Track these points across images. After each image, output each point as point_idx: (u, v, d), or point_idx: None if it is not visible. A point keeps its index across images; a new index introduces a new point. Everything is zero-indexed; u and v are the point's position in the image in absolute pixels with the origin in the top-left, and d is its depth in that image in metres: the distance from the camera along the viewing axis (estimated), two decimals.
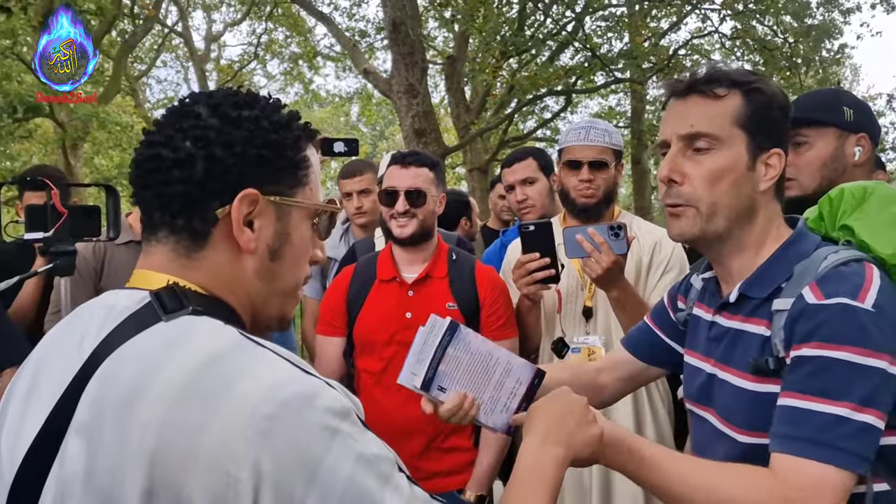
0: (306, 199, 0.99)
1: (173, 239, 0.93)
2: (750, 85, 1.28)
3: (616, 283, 2.07)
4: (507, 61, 13.03)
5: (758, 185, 1.28)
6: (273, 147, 0.94)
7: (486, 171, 13.22)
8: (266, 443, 0.77)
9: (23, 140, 13.76)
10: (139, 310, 0.88)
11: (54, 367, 0.89)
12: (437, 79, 16.32)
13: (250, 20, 19.14)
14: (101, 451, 0.80)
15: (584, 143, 2.36)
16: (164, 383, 0.79)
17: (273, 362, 0.84)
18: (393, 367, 2.28)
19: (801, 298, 1.17)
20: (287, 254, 0.98)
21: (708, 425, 1.35)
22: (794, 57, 12.79)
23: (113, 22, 13.27)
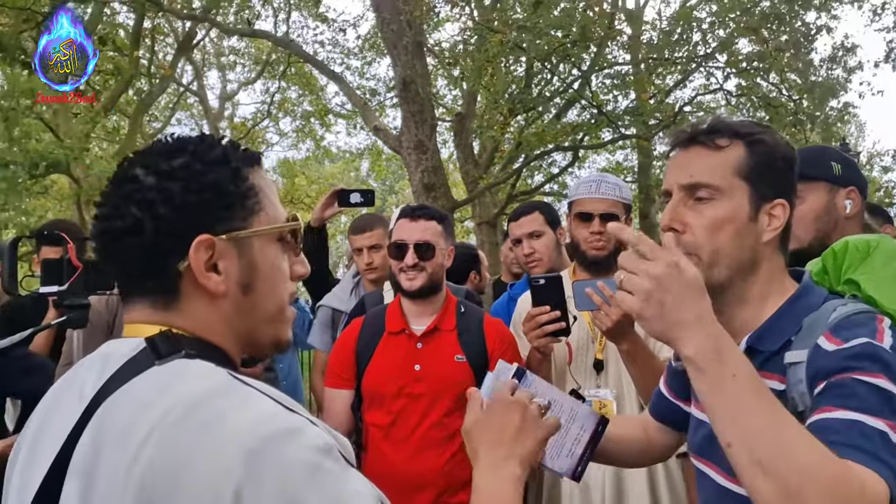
0: (263, 224, 0.98)
1: (148, 299, 0.95)
2: (753, 136, 1.28)
3: (626, 336, 2.07)
4: (515, 118, 13.22)
5: (761, 237, 1.27)
6: (213, 187, 0.94)
7: (495, 225, 13.28)
8: (248, 477, 0.77)
9: (39, 196, 13.97)
10: (135, 356, 0.90)
11: (57, 417, 0.91)
12: (445, 135, 16.55)
13: (264, 79, 19.58)
14: (96, 493, 0.82)
15: (595, 196, 2.39)
16: (153, 422, 0.81)
17: (259, 400, 0.85)
18: (401, 420, 2.27)
19: (818, 348, 1.15)
20: (259, 285, 0.98)
21: (710, 481, 1.32)
22: (799, 114, 12.92)
23: (130, 81, 13.60)
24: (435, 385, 2.27)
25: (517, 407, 1.11)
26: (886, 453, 1.01)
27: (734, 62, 12.41)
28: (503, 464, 1.07)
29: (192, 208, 0.92)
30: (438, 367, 2.30)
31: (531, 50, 10.98)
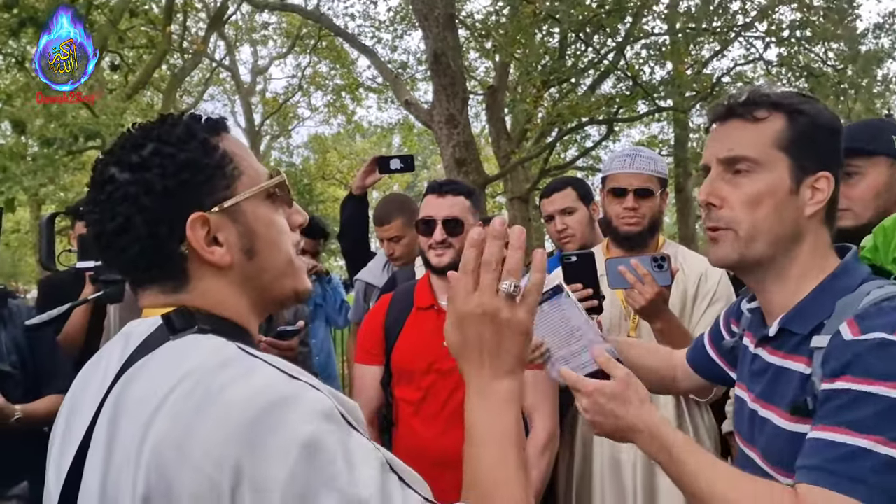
0: (246, 187, 0.98)
1: (158, 286, 0.96)
2: (793, 107, 1.24)
3: (660, 314, 2.04)
4: (549, 91, 13.06)
5: (803, 210, 1.22)
6: (188, 166, 0.94)
7: (527, 200, 13.20)
8: (247, 447, 0.78)
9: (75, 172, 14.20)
10: (152, 332, 0.92)
11: (86, 395, 0.95)
12: (477, 109, 16.44)
13: (295, 53, 19.61)
14: (113, 465, 0.84)
15: (629, 171, 2.34)
16: (162, 396, 0.83)
17: (260, 369, 0.85)
18: (431, 396, 2.27)
19: (838, 335, 1.12)
20: (261, 246, 0.99)
21: (753, 465, 1.30)
22: (842, 83, 12.55)
23: (163, 57, 13.70)
24: None
25: (486, 318, 0.94)
26: (865, 472, 1.02)
27: (775, 31, 12.08)
28: (490, 386, 0.96)
29: (174, 192, 0.93)
30: None
31: (565, 20, 10.80)
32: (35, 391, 2.50)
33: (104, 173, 0.95)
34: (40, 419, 2.32)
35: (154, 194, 0.92)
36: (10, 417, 2.35)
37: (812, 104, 1.27)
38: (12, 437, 2.34)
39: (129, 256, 0.94)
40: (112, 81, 14.26)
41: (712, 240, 1.28)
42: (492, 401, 0.96)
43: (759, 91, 1.28)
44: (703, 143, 1.78)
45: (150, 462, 0.80)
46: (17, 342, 2.52)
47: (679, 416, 2.25)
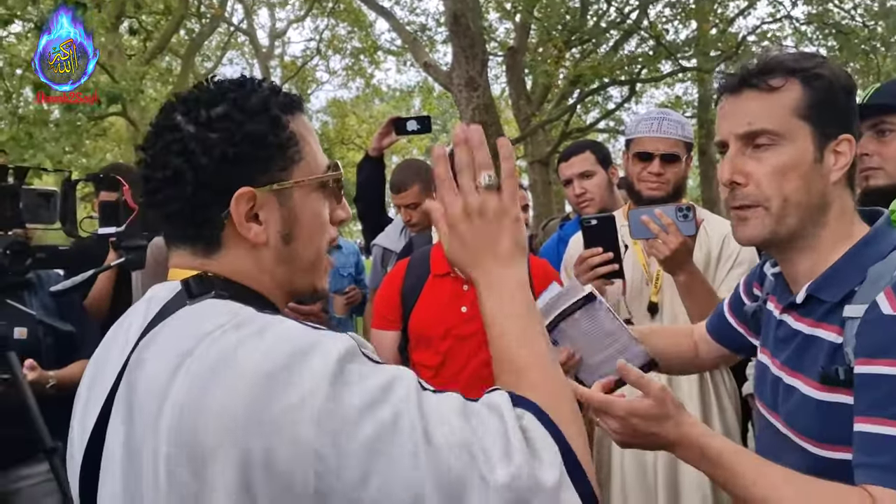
0: (304, 174, 0.97)
1: (189, 246, 0.96)
2: (809, 71, 1.18)
3: (684, 265, 2.00)
4: (570, 51, 12.86)
5: (829, 177, 1.18)
6: (252, 138, 0.92)
7: (548, 164, 13.08)
8: (263, 401, 0.77)
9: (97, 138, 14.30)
10: (172, 298, 0.92)
11: (109, 360, 0.95)
12: (497, 71, 16.24)
13: (313, 16, 19.43)
14: (134, 429, 0.85)
15: (656, 136, 2.29)
16: (179, 359, 0.83)
17: (277, 324, 0.84)
18: (449, 360, 2.28)
19: (875, 307, 1.08)
20: (300, 234, 0.98)
21: (774, 431, 1.29)
22: (873, 40, 12.22)
23: (181, 21, 13.66)
24: (482, 326, 2.26)
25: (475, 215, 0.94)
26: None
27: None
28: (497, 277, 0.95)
29: (232, 160, 0.91)
30: None
31: None
32: (66, 356, 2.55)
33: (170, 118, 0.94)
34: (74, 384, 2.37)
35: (211, 157, 0.91)
36: (45, 384, 2.40)
37: (826, 65, 1.21)
38: (48, 400, 2.40)
39: (169, 209, 0.93)
40: (131, 47, 14.26)
41: (740, 219, 1.23)
42: (502, 289, 0.95)
43: (770, 57, 1.22)
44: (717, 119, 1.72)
45: (171, 424, 0.80)
46: (47, 308, 2.57)
47: (700, 379, 2.24)
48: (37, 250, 2.40)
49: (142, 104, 11.60)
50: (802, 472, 1.15)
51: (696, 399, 2.22)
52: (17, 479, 2.48)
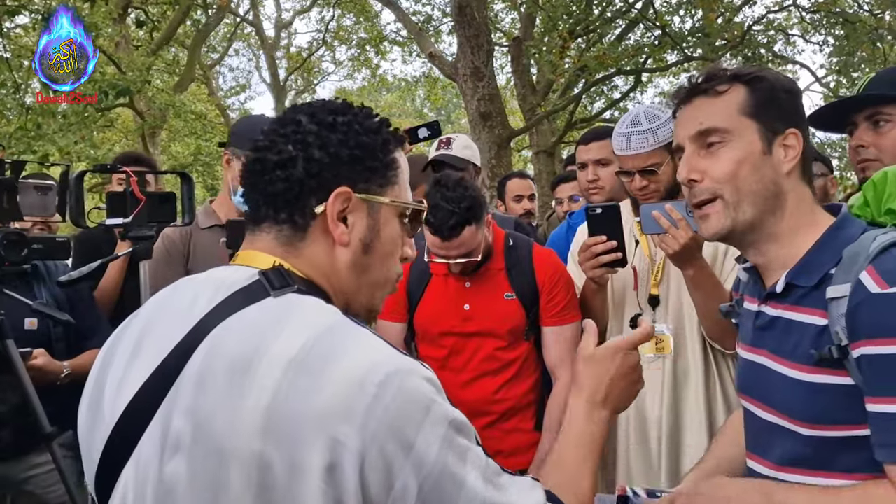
0: (395, 197, 1.07)
1: (276, 229, 1.02)
2: (751, 75, 1.30)
3: (693, 260, 2.02)
4: (575, 41, 12.81)
5: (780, 168, 1.27)
6: (364, 148, 1.03)
7: (553, 154, 13.07)
8: (373, 409, 0.85)
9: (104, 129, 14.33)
10: (249, 285, 0.97)
11: (160, 331, 0.98)
12: (502, 60, 16.19)
13: (319, 7, 19.39)
14: (215, 408, 0.87)
15: (627, 153, 2.24)
16: (280, 349, 0.88)
17: (376, 340, 0.92)
18: (455, 354, 2.32)
19: (862, 286, 1.13)
20: (378, 248, 1.06)
21: (757, 419, 1.33)
22: (879, 29, 12.13)
23: (187, 12, 13.65)
24: (485, 324, 2.30)
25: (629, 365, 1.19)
26: None
27: None
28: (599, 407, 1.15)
29: (344, 160, 1.01)
30: (488, 306, 2.31)
31: None
32: (77, 346, 2.57)
33: (292, 118, 1.04)
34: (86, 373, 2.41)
35: (326, 152, 1.00)
36: (60, 374, 2.44)
37: (768, 70, 1.34)
38: (58, 388, 2.43)
39: (272, 189, 1.00)
40: (137, 38, 14.27)
41: (701, 217, 1.32)
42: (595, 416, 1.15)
43: (716, 67, 1.37)
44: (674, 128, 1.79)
45: (268, 411, 0.85)
46: (58, 299, 2.60)
47: (706, 368, 2.26)
48: (33, 241, 2.44)
49: (149, 95, 11.62)
50: (795, 455, 1.21)
51: (701, 386, 2.24)
52: (29, 468, 2.51)
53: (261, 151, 1.03)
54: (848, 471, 1.17)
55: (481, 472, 0.92)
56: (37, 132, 8.61)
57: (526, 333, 2.32)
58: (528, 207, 4.27)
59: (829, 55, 14.90)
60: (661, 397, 2.24)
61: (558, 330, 2.31)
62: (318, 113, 1.03)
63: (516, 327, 2.30)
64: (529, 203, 4.31)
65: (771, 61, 14.20)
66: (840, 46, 13.63)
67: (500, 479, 0.94)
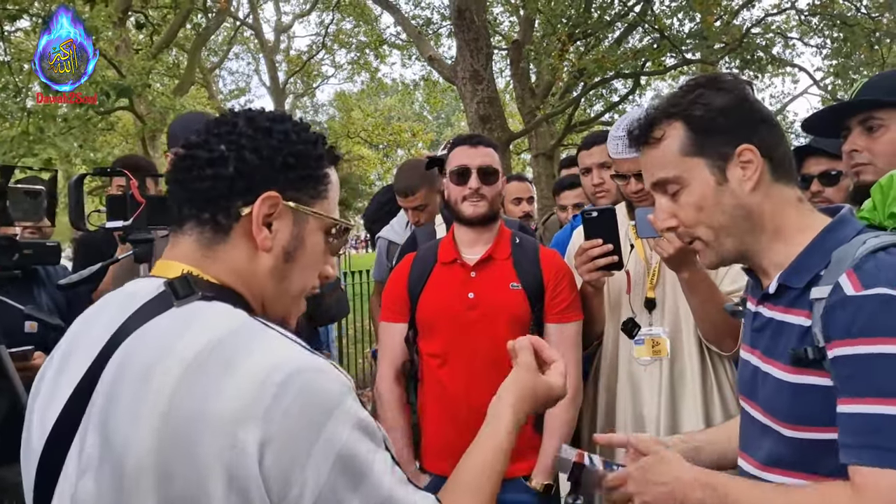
0: (324, 211, 1.06)
1: (197, 231, 1.01)
2: (683, 108, 1.28)
3: (688, 264, 2.03)
4: (574, 44, 12.83)
5: (740, 190, 1.27)
6: (298, 157, 1.02)
7: (552, 157, 13.08)
8: (274, 409, 0.84)
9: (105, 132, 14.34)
10: (156, 296, 0.96)
11: (81, 349, 0.98)
12: (501, 64, 16.20)
13: (318, 10, 19.43)
14: (118, 421, 0.87)
15: (623, 157, 2.27)
16: (177, 355, 0.87)
17: (281, 339, 0.92)
18: (456, 349, 2.29)
19: (838, 288, 1.14)
20: (300, 258, 1.05)
21: (751, 419, 1.34)
22: (876, 31, 12.15)
23: (187, 16, 13.66)
24: (489, 312, 2.27)
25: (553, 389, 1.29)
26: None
27: None
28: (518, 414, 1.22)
29: (276, 165, 1.00)
30: (493, 294, 2.29)
31: None
32: None
33: (229, 120, 1.03)
34: None
35: (258, 155, 0.99)
36: None
37: (702, 90, 1.29)
38: None
39: (199, 186, 0.99)
40: (137, 42, 14.29)
41: (695, 251, 1.36)
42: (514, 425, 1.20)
43: (650, 110, 1.34)
44: None
45: (165, 417, 0.84)
46: (57, 302, 2.60)
47: (703, 370, 2.26)
48: (24, 246, 2.44)
49: (149, 98, 11.63)
50: (778, 455, 1.22)
51: (698, 388, 2.25)
52: None
53: (192, 149, 1.01)
54: (830, 474, 1.16)
55: (387, 475, 0.92)
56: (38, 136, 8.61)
57: (530, 328, 2.30)
58: (527, 210, 4.28)
59: (826, 57, 14.93)
60: (658, 400, 2.25)
61: (561, 327, 2.31)
62: (256, 118, 1.03)
63: (521, 317, 2.28)
64: (528, 206, 4.31)
65: (769, 63, 14.23)
66: (838, 49, 13.66)
67: (405, 487, 0.95)
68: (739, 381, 1.44)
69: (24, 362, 2.35)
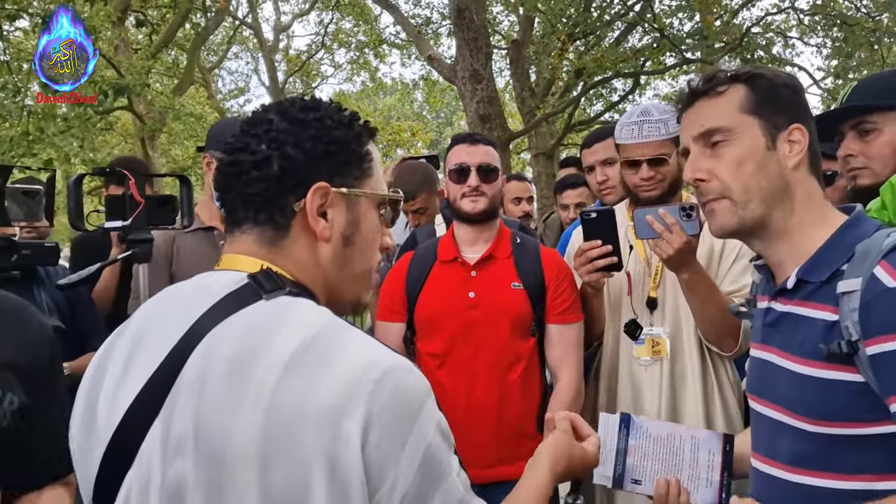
0: (372, 189, 1.08)
1: (257, 230, 1.02)
2: (750, 74, 1.31)
3: (687, 265, 2.03)
4: (574, 44, 12.83)
5: (785, 163, 1.27)
6: (338, 143, 1.03)
7: (552, 156, 13.07)
8: (374, 401, 0.86)
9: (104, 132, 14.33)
10: (239, 289, 0.97)
11: (154, 339, 0.97)
12: (501, 63, 16.20)
13: (318, 10, 19.41)
14: (214, 411, 0.88)
15: (638, 141, 2.26)
16: (277, 350, 0.88)
17: (370, 339, 0.95)
18: (456, 349, 2.27)
19: (876, 281, 1.12)
20: (358, 241, 1.07)
21: (764, 419, 1.32)
22: (876, 31, 12.15)
23: (186, 16, 13.66)
24: (490, 312, 2.26)
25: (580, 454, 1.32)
26: None
27: None
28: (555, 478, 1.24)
29: (317, 156, 1.01)
30: (494, 293, 2.28)
31: None
32: (77, 349, 2.57)
33: (263, 117, 1.04)
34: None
35: (300, 149, 1.00)
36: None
37: (766, 69, 1.36)
38: None
39: (249, 190, 1.00)
40: (136, 42, 14.28)
41: (709, 212, 1.33)
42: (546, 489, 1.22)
43: (716, 70, 1.37)
44: None
45: (268, 410, 0.86)
46: (57, 302, 2.60)
47: (704, 371, 2.26)
48: (22, 247, 2.44)
49: (148, 98, 11.62)
50: (802, 453, 1.20)
51: (698, 389, 2.24)
52: None
53: (234, 153, 1.02)
54: (856, 471, 1.15)
55: (459, 480, 0.96)
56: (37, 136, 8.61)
57: (532, 329, 2.29)
58: (527, 210, 4.28)
59: (827, 57, 14.93)
60: (658, 400, 2.24)
61: (563, 328, 2.30)
62: (288, 111, 1.04)
63: (522, 317, 2.27)
64: (528, 205, 4.32)
65: (769, 63, 14.22)
66: (838, 49, 13.65)
67: (469, 491, 0.98)
68: (749, 381, 1.42)
69: None
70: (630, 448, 1.44)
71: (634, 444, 1.43)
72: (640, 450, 1.44)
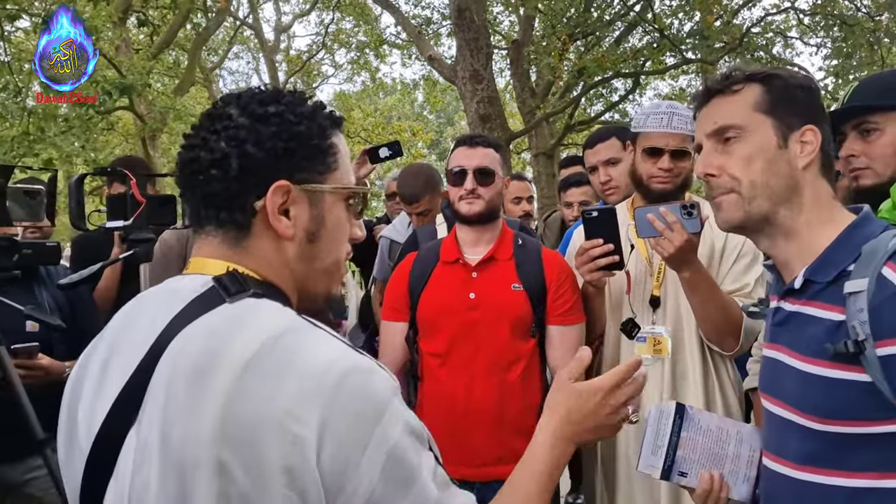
0: (337, 183, 1.05)
1: (221, 231, 1.01)
2: (766, 73, 1.33)
3: (688, 263, 2.03)
4: (574, 44, 12.83)
5: (796, 162, 1.28)
6: (299, 138, 1.00)
7: (552, 156, 13.07)
8: (331, 405, 0.85)
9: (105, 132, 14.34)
10: (204, 293, 0.96)
11: (126, 347, 0.97)
12: (501, 64, 16.20)
13: (318, 10, 19.41)
14: (176, 416, 0.87)
15: (666, 131, 2.26)
16: (235, 355, 0.87)
17: (333, 340, 0.92)
18: (457, 348, 2.29)
19: (885, 282, 1.13)
20: (324, 236, 1.05)
21: (774, 418, 1.32)
22: (877, 31, 12.15)
23: (187, 16, 13.66)
24: (489, 313, 2.27)
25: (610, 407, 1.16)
26: None
27: None
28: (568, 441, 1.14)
29: (278, 153, 0.99)
30: (494, 295, 2.29)
31: None
32: (78, 348, 2.58)
33: (223, 112, 1.01)
34: None
35: (260, 147, 0.98)
36: (62, 374, 2.44)
37: (783, 69, 1.37)
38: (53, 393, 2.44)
39: (209, 190, 0.99)
40: (137, 42, 14.28)
41: (716, 206, 1.34)
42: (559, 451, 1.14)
43: (733, 68, 1.38)
44: None
45: (225, 416, 0.85)
46: (58, 301, 2.61)
47: (705, 370, 2.26)
48: (24, 246, 2.45)
49: (149, 98, 11.63)
50: (809, 452, 1.20)
51: (700, 388, 2.25)
52: (28, 470, 2.52)
53: (193, 150, 1.00)
54: (864, 469, 1.16)
55: (433, 479, 0.93)
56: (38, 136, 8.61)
57: (532, 330, 2.30)
58: (527, 209, 4.29)
59: (826, 57, 14.93)
60: (659, 399, 2.24)
61: (564, 330, 2.31)
62: (249, 104, 1.00)
63: (522, 318, 2.28)
64: (528, 205, 4.32)
65: (769, 63, 14.22)
66: (838, 49, 13.65)
67: (449, 489, 0.95)
68: (761, 380, 1.42)
69: (30, 360, 2.35)
70: (682, 440, 1.44)
71: (686, 435, 1.43)
72: (691, 442, 1.43)
